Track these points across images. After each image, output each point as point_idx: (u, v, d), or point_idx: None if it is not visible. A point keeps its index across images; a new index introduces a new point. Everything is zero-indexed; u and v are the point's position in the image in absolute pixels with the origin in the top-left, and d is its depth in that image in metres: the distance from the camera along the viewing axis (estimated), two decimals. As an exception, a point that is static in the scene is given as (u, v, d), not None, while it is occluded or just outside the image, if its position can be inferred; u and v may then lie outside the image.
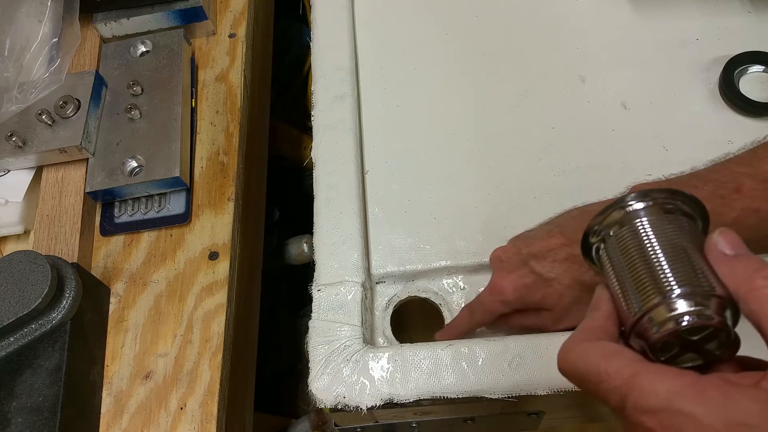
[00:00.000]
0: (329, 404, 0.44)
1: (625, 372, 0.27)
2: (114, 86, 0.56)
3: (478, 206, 0.53)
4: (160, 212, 0.53)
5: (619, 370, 0.27)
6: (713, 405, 0.25)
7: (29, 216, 0.54)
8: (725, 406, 0.24)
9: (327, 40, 0.61)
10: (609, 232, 0.31)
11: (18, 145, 0.52)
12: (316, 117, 0.56)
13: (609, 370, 0.27)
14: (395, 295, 0.51)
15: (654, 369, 0.27)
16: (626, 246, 0.30)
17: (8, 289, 0.42)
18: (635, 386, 0.26)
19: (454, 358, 0.44)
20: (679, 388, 0.25)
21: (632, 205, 0.30)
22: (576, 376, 0.29)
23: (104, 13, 0.60)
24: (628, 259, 0.30)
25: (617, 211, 0.31)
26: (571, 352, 0.30)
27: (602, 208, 0.31)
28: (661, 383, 0.26)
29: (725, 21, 0.60)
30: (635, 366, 0.27)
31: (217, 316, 0.49)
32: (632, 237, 0.30)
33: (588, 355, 0.29)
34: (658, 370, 0.27)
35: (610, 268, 0.31)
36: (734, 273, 0.27)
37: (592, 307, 0.32)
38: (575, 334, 0.31)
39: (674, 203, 0.30)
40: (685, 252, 0.28)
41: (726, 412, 0.24)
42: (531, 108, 0.58)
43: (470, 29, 0.63)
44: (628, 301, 0.29)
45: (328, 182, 0.53)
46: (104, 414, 0.46)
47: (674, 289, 0.27)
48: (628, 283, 0.29)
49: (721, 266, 0.28)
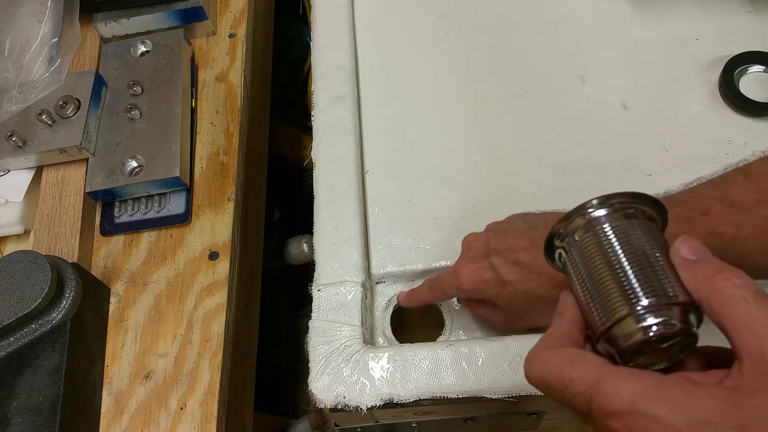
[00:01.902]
0: (329, 404, 0.44)
1: (589, 377, 0.27)
2: (114, 86, 0.56)
3: (478, 206, 0.53)
4: (160, 212, 0.53)
5: (583, 375, 0.28)
6: (675, 404, 0.25)
7: (29, 216, 0.54)
8: (687, 405, 0.25)
9: (327, 40, 0.61)
10: (573, 237, 0.31)
11: (18, 145, 0.52)
12: (316, 117, 0.56)
13: (573, 375, 0.28)
14: (395, 295, 0.51)
15: (617, 372, 0.27)
16: (590, 253, 0.30)
17: (8, 289, 0.43)
18: (599, 390, 0.27)
19: (454, 358, 0.44)
20: (641, 390, 0.26)
21: (593, 212, 0.31)
22: (542, 384, 0.30)
23: (104, 13, 0.60)
24: (592, 266, 0.30)
25: (580, 217, 0.31)
26: (535, 361, 0.30)
27: (566, 214, 0.31)
28: (624, 386, 0.26)
29: (725, 21, 0.60)
30: (599, 370, 0.27)
31: (217, 316, 0.49)
32: (596, 244, 0.30)
33: (552, 363, 0.29)
34: (621, 373, 0.27)
35: (574, 274, 0.31)
36: (695, 276, 0.28)
37: (557, 313, 0.32)
38: (539, 342, 0.31)
39: (635, 207, 0.31)
40: (648, 259, 0.29)
41: (688, 411, 0.25)
42: (531, 108, 0.58)
43: (470, 29, 0.63)
44: (595, 309, 0.30)
45: (328, 182, 0.53)
46: (104, 414, 0.46)
47: (640, 299, 0.28)
48: (593, 290, 0.30)
49: (683, 271, 0.28)
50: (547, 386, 0.29)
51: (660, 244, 0.30)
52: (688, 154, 0.54)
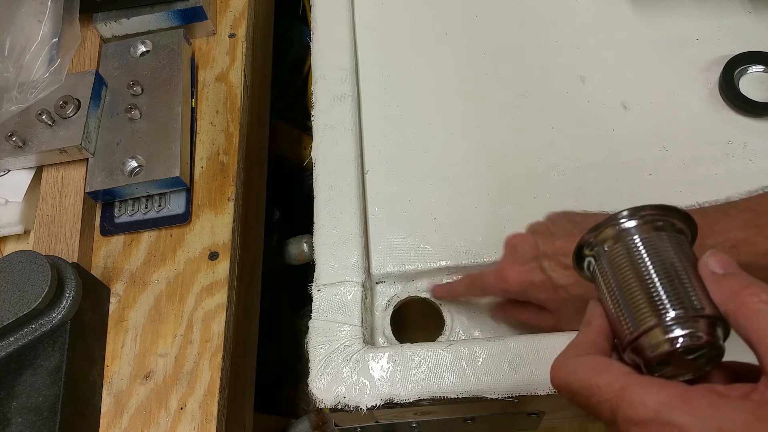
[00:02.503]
0: (329, 404, 0.44)
1: (614, 385, 0.28)
2: (114, 86, 0.56)
3: (478, 206, 0.53)
4: (160, 212, 0.53)
5: (609, 383, 0.28)
6: (700, 415, 0.25)
7: (29, 216, 0.54)
8: (712, 417, 0.25)
9: (327, 40, 0.61)
10: (603, 247, 0.32)
11: (18, 145, 0.52)
12: (316, 117, 0.56)
13: (599, 383, 0.28)
14: (395, 295, 0.51)
15: (643, 381, 0.28)
16: (619, 263, 0.31)
17: (8, 289, 0.43)
18: (625, 398, 0.27)
19: (454, 358, 0.44)
20: (666, 399, 0.26)
21: (624, 223, 0.31)
22: (568, 390, 0.30)
23: (104, 13, 0.60)
24: (621, 276, 0.30)
25: (610, 228, 0.31)
26: (562, 368, 0.31)
27: (596, 224, 0.32)
28: (650, 395, 0.27)
29: (725, 21, 0.60)
30: (625, 379, 0.28)
31: (217, 316, 0.49)
32: (625, 254, 0.30)
33: (579, 370, 0.30)
34: (647, 382, 0.27)
35: (603, 283, 0.32)
36: (723, 290, 0.28)
37: (585, 322, 0.33)
38: (567, 349, 0.32)
39: (665, 219, 0.31)
40: (677, 271, 0.29)
41: (713, 423, 0.25)
42: (531, 108, 0.58)
43: (470, 29, 0.63)
44: (623, 318, 0.30)
45: (328, 182, 0.53)
46: (104, 414, 0.46)
47: (668, 311, 0.28)
48: (622, 300, 0.30)
49: (711, 284, 0.29)
50: (573, 393, 0.30)
51: (688, 257, 0.30)
52: (688, 154, 0.54)
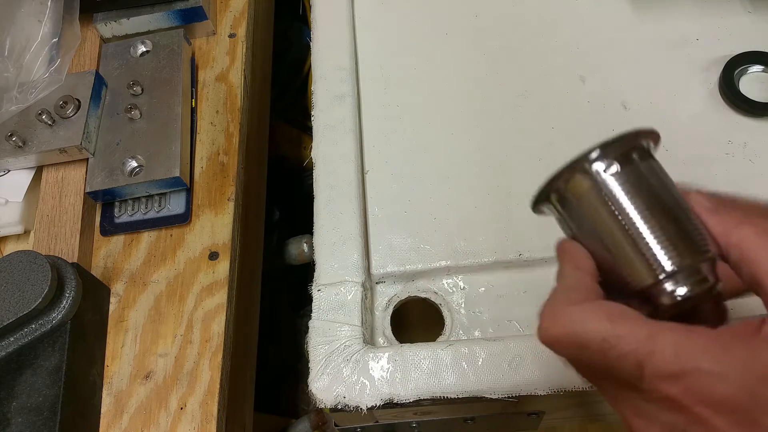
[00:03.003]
0: (329, 404, 0.44)
1: (639, 334, 0.24)
2: (114, 86, 0.56)
3: (478, 206, 0.53)
4: (160, 212, 0.53)
5: (632, 332, 0.24)
6: (741, 362, 0.22)
7: (29, 216, 0.54)
8: (752, 361, 0.22)
9: (327, 40, 0.61)
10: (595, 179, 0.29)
11: (18, 145, 0.52)
12: (316, 117, 0.56)
13: (620, 332, 0.24)
14: (395, 295, 0.51)
15: (672, 328, 0.24)
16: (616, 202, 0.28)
17: (8, 289, 0.42)
18: (655, 349, 0.23)
19: (454, 358, 0.44)
20: (703, 347, 0.23)
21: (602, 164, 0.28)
22: (572, 344, 0.25)
23: (104, 13, 0.60)
24: (622, 215, 0.27)
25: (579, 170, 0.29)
26: (561, 318, 0.26)
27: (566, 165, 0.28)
28: (684, 342, 0.23)
29: (725, 21, 0.60)
30: (650, 327, 0.24)
31: (217, 316, 0.49)
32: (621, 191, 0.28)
33: (589, 319, 0.25)
34: (677, 328, 0.24)
35: (594, 224, 0.28)
36: (722, 223, 0.26)
37: (572, 265, 0.28)
38: (558, 296, 0.27)
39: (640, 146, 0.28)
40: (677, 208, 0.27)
41: (753, 367, 0.22)
42: (531, 108, 0.58)
43: (470, 29, 0.63)
44: (628, 264, 0.27)
45: (328, 182, 0.53)
46: (104, 414, 0.46)
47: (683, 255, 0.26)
48: (626, 244, 0.27)
49: (708, 218, 0.26)
50: (579, 346, 0.25)
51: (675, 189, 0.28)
52: (688, 154, 0.54)
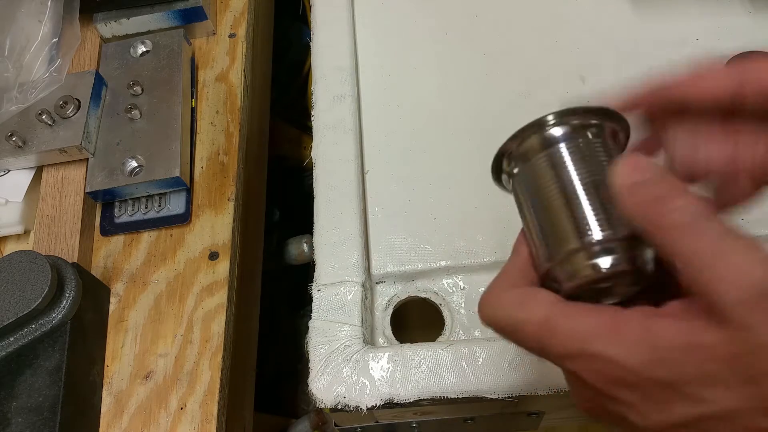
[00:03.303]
0: (329, 404, 0.44)
1: (537, 317, 0.25)
2: (114, 86, 0.56)
3: (478, 206, 0.53)
4: (160, 212, 0.53)
5: (531, 316, 0.26)
6: (630, 343, 0.23)
7: (29, 216, 0.54)
8: (644, 343, 0.23)
9: (327, 40, 0.61)
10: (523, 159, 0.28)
11: (18, 145, 0.52)
12: (316, 117, 0.56)
13: (521, 317, 0.26)
14: (395, 295, 0.51)
15: (567, 310, 0.25)
16: (536, 180, 0.27)
17: (8, 289, 0.43)
18: (549, 331, 0.25)
19: (454, 358, 0.44)
20: (593, 328, 0.24)
21: (550, 130, 0.27)
22: (497, 328, 0.27)
23: (104, 13, 0.60)
24: (537, 196, 0.27)
25: (535, 135, 0.28)
26: (487, 304, 0.28)
27: (520, 128, 0.28)
28: (575, 325, 0.24)
29: (725, 21, 0.60)
30: (548, 309, 0.25)
31: (217, 316, 0.49)
32: (544, 170, 0.27)
33: (502, 305, 0.27)
34: (572, 311, 0.25)
35: (521, 203, 0.28)
36: (634, 206, 0.25)
37: (513, 249, 0.30)
38: (493, 282, 0.29)
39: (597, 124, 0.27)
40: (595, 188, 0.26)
41: (644, 350, 0.23)
42: (531, 108, 0.57)
43: (470, 29, 0.63)
44: (538, 245, 0.27)
45: (328, 182, 0.53)
46: (104, 414, 0.46)
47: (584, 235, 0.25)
48: (535, 224, 0.27)
49: (621, 199, 0.25)
50: (501, 330, 0.27)
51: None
52: (688, 154, 0.54)
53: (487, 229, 0.52)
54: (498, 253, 0.51)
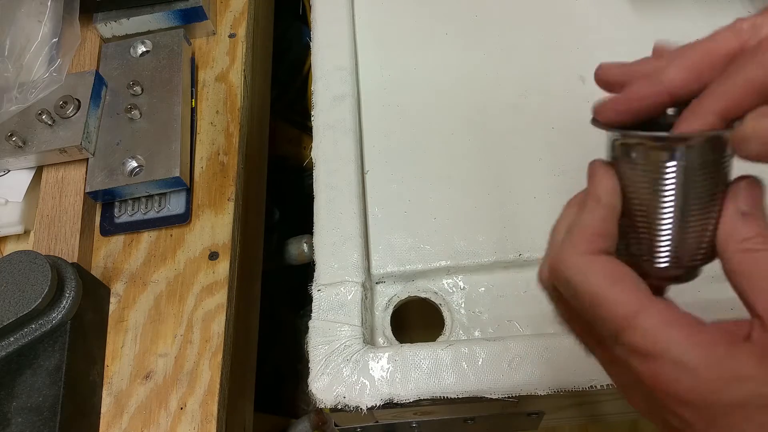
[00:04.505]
0: (329, 404, 0.44)
1: (629, 305, 0.25)
2: (114, 86, 0.56)
3: (478, 206, 0.53)
4: (160, 212, 0.53)
5: (625, 301, 0.25)
6: (714, 358, 0.23)
7: (29, 216, 0.54)
8: (726, 359, 0.23)
9: (327, 40, 0.61)
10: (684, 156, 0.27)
11: (18, 145, 0.52)
12: (316, 117, 0.56)
13: (612, 297, 0.25)
14: (395, 295, 0.51)
15: (659, 308, 0.25)
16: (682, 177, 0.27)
17: (8, 289, 0.42)
18: (635, 324, 0.24)
19: (454, 358, 0.44)
20: (681, 337, 0.24)
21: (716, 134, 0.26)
22: (566, 290, 0.27)
23: (104, 13, 0.60)
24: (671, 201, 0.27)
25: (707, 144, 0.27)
26: (569, 264, 0.26)
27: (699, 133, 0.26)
28: (664, 328, 0.24)
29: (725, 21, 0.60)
30: (641, 300, 0.25)
31: (217, 316, 0.49)
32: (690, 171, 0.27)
33: (591, 274, 0.26)
34: (664, 310, 0.25)
35: (643, 191, 0.28)
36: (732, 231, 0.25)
37: (592, 195, 0.28)
38: (573, 238, 0.27)
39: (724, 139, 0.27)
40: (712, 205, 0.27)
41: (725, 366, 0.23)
42: (531, 108, 0.58)
43: (470, 29, 0.63)
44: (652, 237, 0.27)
45: (328, 182, 0.53)
46: (104, 414, 0.46)
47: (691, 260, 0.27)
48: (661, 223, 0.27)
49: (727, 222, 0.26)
50: (572, 294, 0.26)
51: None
52: (688, 154, 0.54)
53: (487, 229, 0.52)
54: (498, 253, 0.51)
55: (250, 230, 0.60)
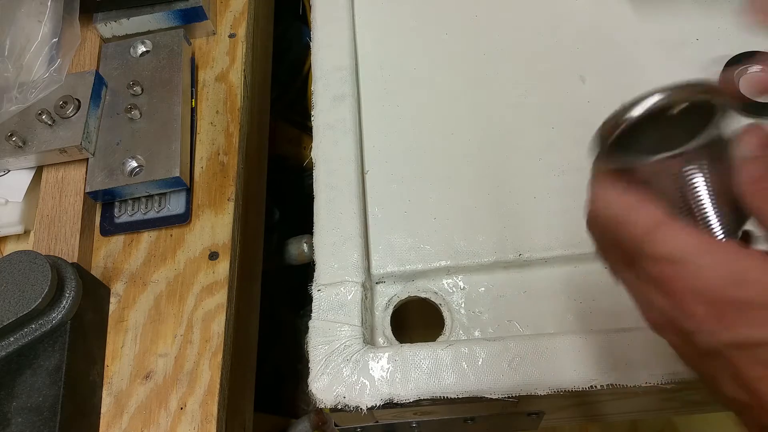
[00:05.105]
0: (329, 404, 0.44)
1: (647, 220, 0.29)
2: (114, 86, 0.56)
3: (478, 206, 0.53)
4: (160, 212, 0.53)
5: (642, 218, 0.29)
6: (718, 259, 0.26)
7: (29, 216, 0.54)
8: (729, 262, 0.26)
9: (327, 40, 0.61)
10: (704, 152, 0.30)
11: (18, 145, 0.52)
12: (316, 117, 0.56)
13: (632, 217, 0.29)
14: (395, 295, 0.51)
15: (676, 222, 0.28)
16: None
17: (8, 289, 0.43)
18: (654, 236, 0.28)
19: (454, 358, 0.44)
20: (692, 243, 0.27)
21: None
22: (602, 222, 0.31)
23: (104, 13, 0.60)
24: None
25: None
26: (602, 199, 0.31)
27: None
28: (678, 237, 0.28)
29: (725, 21, 0.60)
30: (658, 217, 0.29)
31: (217, 316, 0.49)
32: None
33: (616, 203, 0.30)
34: (680, 224, 0.28)
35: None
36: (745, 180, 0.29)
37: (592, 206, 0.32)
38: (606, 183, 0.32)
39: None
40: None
41: (727, 267, 0.26)
42: (531, 108, 0.58)
43: (470, 29, 0.63)
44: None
45: (328, 182, 0.53)
46: (104, 414, 0.46)
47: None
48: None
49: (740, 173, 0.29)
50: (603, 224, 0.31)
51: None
52: (688, 154, 0.54)
53: (487, 229, 0.52)
54: (498, 253, 0.51)
55: (250, 230, 0.60)
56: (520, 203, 0.53)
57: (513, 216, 0.52)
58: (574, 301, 0.50)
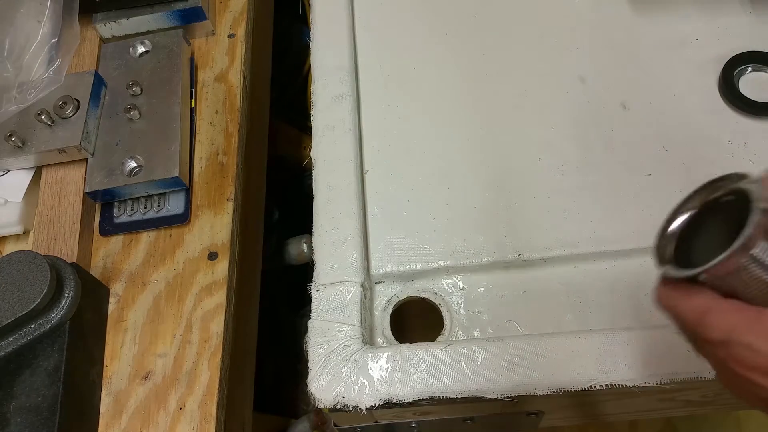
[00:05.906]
0: (329, 404, 0.44)
1: (696, 308, 0.31)
2: (113, 86, 0.56)
3: (478, 206, 0.53)
4: (159, 212, 0.53)
5: (692, 306, 0.31)
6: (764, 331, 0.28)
7: (29, 216, 0.54)
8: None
9: (327, 40, 0.61)
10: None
11: (17, 145, 0.52)
12: (315, 117, 0.56)
13: (683, 307, 0.31)
14: (395, 295, 0.51)
15: (723, 307, 0.30)
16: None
17: (7, 289, 0.42)
18: (705, 322, 0.30)
19: (453, 358, 0.44)
20: (740, 322, 0.29)
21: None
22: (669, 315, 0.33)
23: (104, 13, 0.60)
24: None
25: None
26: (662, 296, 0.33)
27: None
28: (724, 318, 0.29)
29: (725, 21, 0.60)
30: (706, 303, 0.30)
31: (216, 316, 0.49)
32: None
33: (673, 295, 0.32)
34: (724, 306, 0.30)
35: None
36: None
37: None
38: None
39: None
40: None
41: None
42: (531, 108, 0.58)
43: (470, 29, 0.63)
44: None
45: (327, 182, 0.53)
46: (103, 414, 0.46)
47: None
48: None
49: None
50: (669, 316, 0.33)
51: None
52: (688, 154, 0.54)
53: (486, 229, 0.52)
54: (498, 253, 0.51)
55: (250, 230, 0.60)
56: (519, 203, 0.53)
57: (513, 216, 0.52)
58: (574, 301, 0.50)
